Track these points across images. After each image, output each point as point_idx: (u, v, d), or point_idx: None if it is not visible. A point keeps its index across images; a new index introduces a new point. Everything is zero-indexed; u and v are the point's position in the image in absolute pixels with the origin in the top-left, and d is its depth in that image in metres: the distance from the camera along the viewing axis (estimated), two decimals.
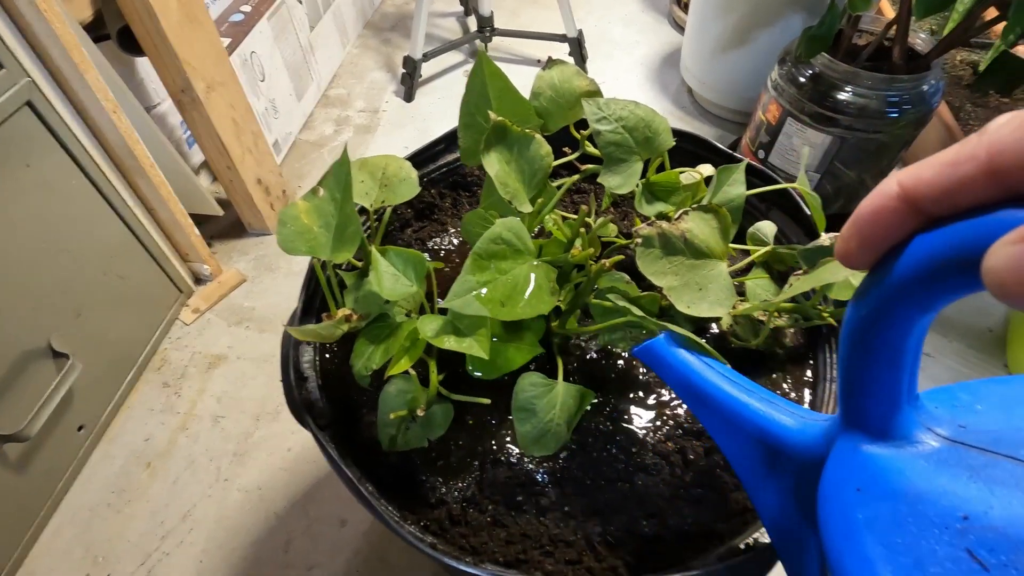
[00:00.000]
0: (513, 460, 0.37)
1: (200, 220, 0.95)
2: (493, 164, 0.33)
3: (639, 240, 0.29)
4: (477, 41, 1.32)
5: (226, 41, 0.92)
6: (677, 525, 0.34)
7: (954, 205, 0.12)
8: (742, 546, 0.31)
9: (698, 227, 0.30)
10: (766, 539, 0.31)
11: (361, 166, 0.39)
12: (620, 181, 0.34)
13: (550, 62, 0.37)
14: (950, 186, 0.12)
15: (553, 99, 0.37)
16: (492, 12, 1.26)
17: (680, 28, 1.40)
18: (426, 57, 1.21)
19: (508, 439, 0.38)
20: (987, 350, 0.80)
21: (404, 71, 1.21)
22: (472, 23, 1.46)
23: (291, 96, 1.11)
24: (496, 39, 1.33)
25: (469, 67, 1.33)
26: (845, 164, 0.83)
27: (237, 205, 0.92)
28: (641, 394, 0.40)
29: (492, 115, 0.31)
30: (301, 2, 1.12)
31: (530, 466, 0.37)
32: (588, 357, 0.41)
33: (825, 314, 0.34)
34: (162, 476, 0.71)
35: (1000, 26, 0.88)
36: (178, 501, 0.69)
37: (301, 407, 0.35)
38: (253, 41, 0.97)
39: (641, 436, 0.38)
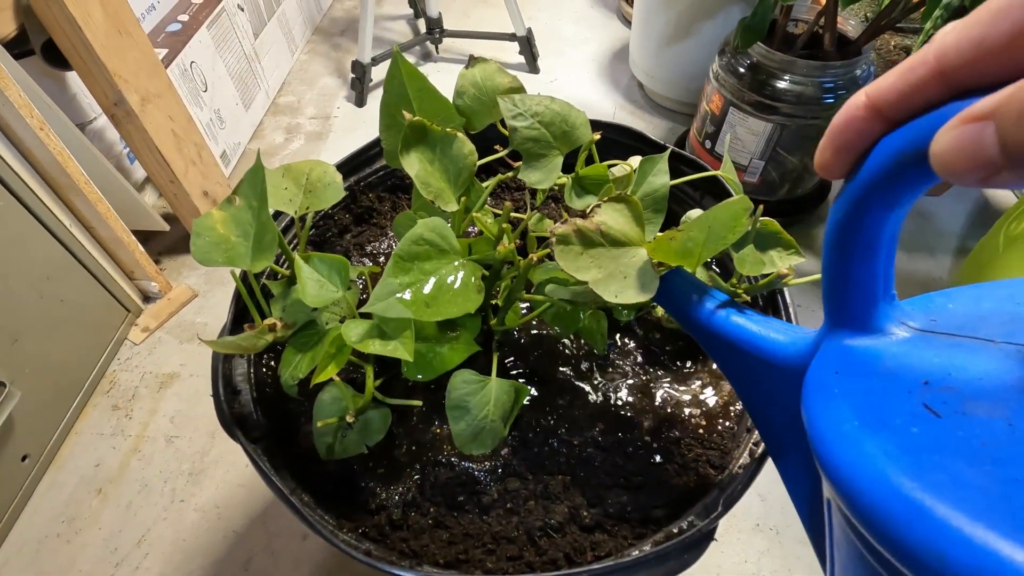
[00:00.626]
0: (455, 460, 0.37)
1: (146, 236, 0.92)
2: (413, 165, 0.33)
3: (554, 239, 0.29)
4: (427, 43, 1.31)
5: (163, 52, 0.90)
6: (617, 513, 0.35)
7: (911, 107, 0.14)
8: (676, 530, 0.32)
9: (612, 218, 0.30)
10: (700, 522, 0.31)
11: (284, 172, 0.38)
12: (540, 176, 0.34)
13: (472, 60, 0.37)
14: (906, 90, 0.13)
15: (477, 97, 0.37)
16: (440, 13, 1.26)
17: (628, 23, 1.41)
18: (375, 61, 1.20)
19: (449, 441, 0.38)
20: None
21: (354, 76, 1.20)
22: (422, 25, 1.45)
23: (238, 105, 1.09)
24: (446, 40, 1.33)
25: (423, 70, 1.32)
26: (787, 150, 0.85)
27: (184, 219, 0.90)
28: (583, 388, 0.40)
29: (407, 115, 0.31)
30: (243, 9, 1.10)
31: (472, 465, 0.37)
32: (533, 354, 0.41)
33: (740, 291, 0.34)
34: (114, 501, 0.69)
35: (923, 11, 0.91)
36: (132, 526, 0.67)
37: (231, 421, 0.34)
38: (193, 51, 0.94)
39: (582, 428, 0.38)
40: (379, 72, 1.28)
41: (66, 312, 0.73)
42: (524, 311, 0.45)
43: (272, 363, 0.42)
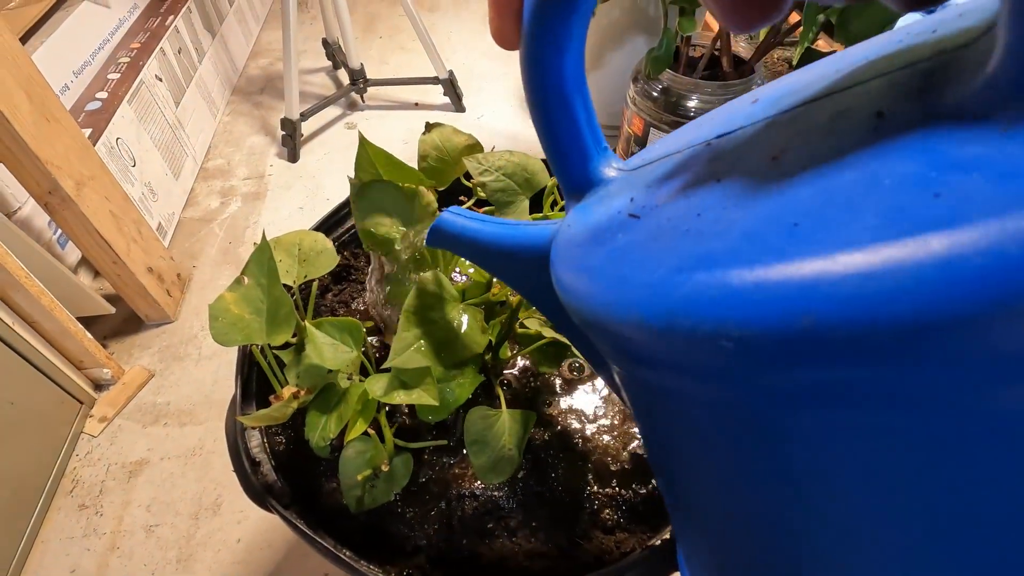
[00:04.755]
0: (477, 492, 0.40)
1: (89, 321, 0.88)
2: (372, 227, 0.36)
3: None
4: (352, 93, 1.34)
5: (87, 132, 0.87)
6: (632, 509, 0.38)
7: None
8: None
9: None
10: None
11: (276, 246, 0.40)
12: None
13: (428, 127, 0.41)
14: None
15: (439, 158, 0.40)
16: (362, 64, 1.29)
17: None
18: (304, 116, 1.21)
19: (470, 472, 0.41)
20: None
21: (284, 133, 1.20)
22: (342, 75, 1.47)
23: (167, 176, 1.07)
24: (371, 89, 1.36)
25: (350, 119, 1.34)
26: None
27: (129, 298, 0.87)
28: (577, 402, 0.44)
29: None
30: (161, 79, 1.09)
31: (494, 493, 0.40)
32: (525, 382, 0.45)
33: None
34: None
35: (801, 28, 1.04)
36: None
37: (261, 492, 0.36)
38: (116, 127, 0.92)
39: (584, 439, 0.42)
40: (307, 127, 1.29)
41: (15, 415, 0.69)
42: (516, 347, 0.48)
43: (280, 430, 0.43)
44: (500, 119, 1.33)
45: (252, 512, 0.70)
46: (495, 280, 0.40)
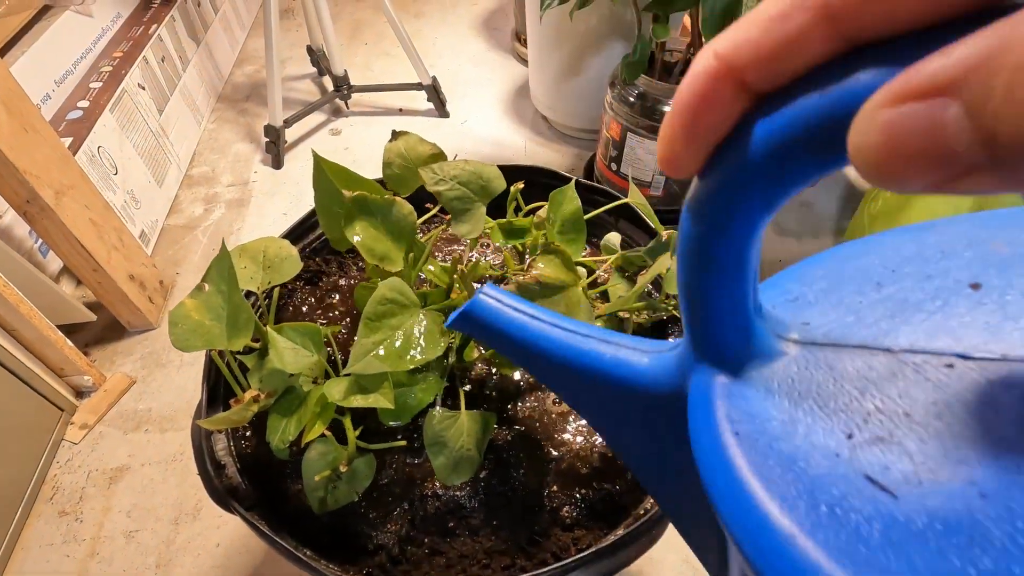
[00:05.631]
0: (440, 491, 0.41)
1: (71, 329, 0.89)
2: (359, 234, 0.37)
3: None
4: (336, 99, 1.35)
5: (68, 140, 0.88)
6: (591, 507, 0.39)
7: (787, 71, 0.10)
8: (641, 511, 0.37)
9: (547, 268, 0.35)
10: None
11: (241, 253, 0.41)
12: (469, 228, 0.39)
13: (395, 135, 0.42)
14: (779, 48, 0.10)
15: (404, 166, 0.41)
16: (346, 71, 1.30)
17: (524, 62, 1.51)
18: (288, 123, 1.22)
19: (432, 473, 0.41)
20: None
21: (267, 139, 1.21)
22: (327, 82, 1.48)
23: (151, 183, 1.08)
24: (355, 94, 1.37)
25: (335, 125, 1.35)
26: None
27: (111, 306, 0.88)
28: (539, 400, 0.45)
29: (347, 193, 0.35)
30: (144, 87, 1.09)
31: (456, 493, 0.41)
32: (489, 381, 0.46)
33: (669, 306, 0.40)
34: None
35: None
36: None
37: (224, 495, 0.36)
38: (98, 136, 0.93)
39: (547, 439, 0.43)
40: (292, 133, 1.30)
41: None
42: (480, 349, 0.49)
43: (248, 434, 0.43)
44: (485, 125, 1.34)
45: (231, 516, 0.71)
46: (456, 284, 0.41)
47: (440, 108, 1.33)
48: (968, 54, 0.07)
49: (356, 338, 0.34)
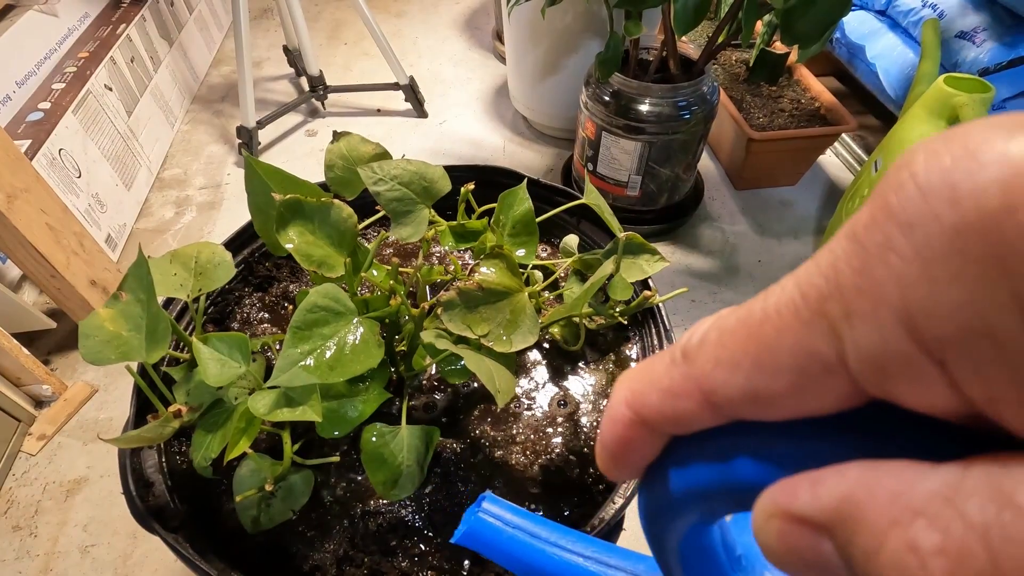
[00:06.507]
0: (382, 508, 0.39)
1: (31, 337, 0.86)
2: (292, 240, 0.35)
3: (441, 309, 0.32)
4: (313, 100, 1.33)
5: (26, 143, 0.85)
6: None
7: (688, 429, 0.11)
8: (588, 528, 0.35)
9: (491, 273, 0.33)
10: (608, 515, 0.35)
11: (172, 259, 0.39)
12: (411, 231, 0.37)
13: (336, 136, 0.40)
14: (677, 417, 0.11)
15: (346, 167, 0.39)
16: (321, 71, 1.28)
17: (504, 61, 1.50)
18: (262, 124, 1.20)
19: (373, 490, 0.39)
20: None
21: (240, 141, 1.19)
22: (305, 83, 1.46)
23: (118, 186, 1.05)
24: (333, 95, 1.34)
25: (311, 126, 1.33)
26: (658, 163, 0.94)
27: (72, 312, 0.85)
28: (492, 416, 0.43)
29: (276, 196, 0.33)
30: (111, 88, 1.07)
31: (400, 510, 0.39)
32: (439, 391, 0.44)
33: (615, 313, 0.39)
34: None
35: (759, 27, 1.04)
36: None
37: (146, 514, 0.34)
38: (59, 138, 0.91)
39: (498, 451, 0.41)
40: (268, 135, 1.28)
41: None
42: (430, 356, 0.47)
43: (184, 448, 0.41)
44: (464, 125, 1.32)
45: None
46: (396, 291, 0.39)
47: (418, 108, 1.32)
48: (832, 498, 0.08)
49: (282, 348, 0.32)
